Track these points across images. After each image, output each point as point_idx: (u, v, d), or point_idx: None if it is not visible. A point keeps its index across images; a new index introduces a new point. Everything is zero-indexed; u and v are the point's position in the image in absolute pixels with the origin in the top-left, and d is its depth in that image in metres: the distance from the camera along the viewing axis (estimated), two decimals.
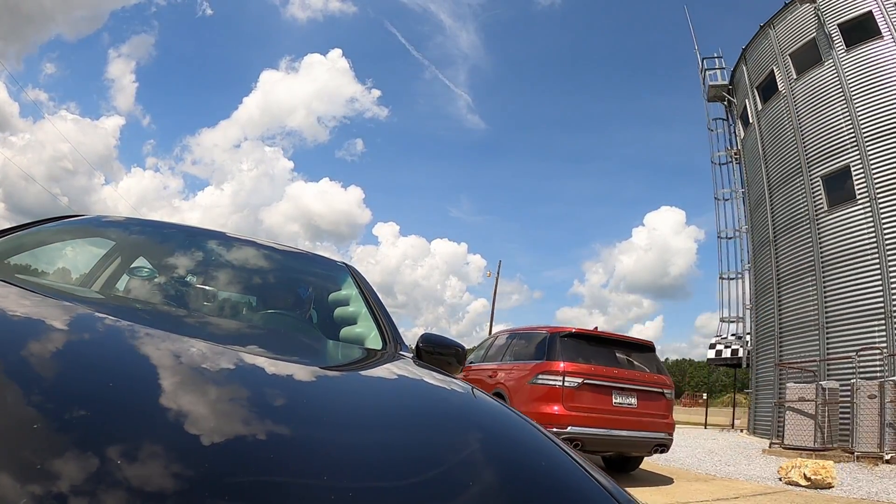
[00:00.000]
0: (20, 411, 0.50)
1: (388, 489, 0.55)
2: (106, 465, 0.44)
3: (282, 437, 0.60)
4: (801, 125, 14.39)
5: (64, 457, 0.44)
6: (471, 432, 0.79)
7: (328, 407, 0.77)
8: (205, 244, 1.98)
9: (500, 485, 0.63)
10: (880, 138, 12.40)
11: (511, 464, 0.71)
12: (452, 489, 0.59)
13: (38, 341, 0.73)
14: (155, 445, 0.50)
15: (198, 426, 0.55)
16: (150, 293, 1.67)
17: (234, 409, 0.64)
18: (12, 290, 1.05)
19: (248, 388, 0.75)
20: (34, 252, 1.72)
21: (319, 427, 0.66)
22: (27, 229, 1.73)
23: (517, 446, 0.80)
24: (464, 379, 1.19)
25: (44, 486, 0.40)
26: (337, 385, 0.94)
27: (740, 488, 5.83)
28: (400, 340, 1.58)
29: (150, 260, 1.93)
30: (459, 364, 1.62)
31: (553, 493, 0.66)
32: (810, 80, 14.29)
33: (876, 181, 12.16)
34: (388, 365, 1.25)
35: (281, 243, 2.29)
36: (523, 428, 0.87)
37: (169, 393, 0.63)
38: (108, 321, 1.01)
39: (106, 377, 0.65)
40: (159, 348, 0.83)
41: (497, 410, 0.95)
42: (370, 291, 1.90)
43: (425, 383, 1.10)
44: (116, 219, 2.13)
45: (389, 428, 0.72)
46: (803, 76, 14.54)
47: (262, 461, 0.53)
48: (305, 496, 0.50)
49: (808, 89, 14.35)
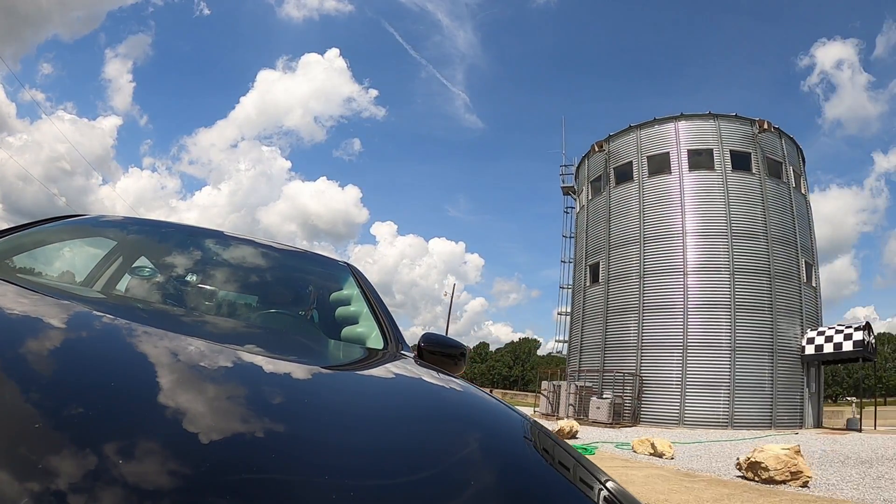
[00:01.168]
0: (21, 410, 0.50)
1: (389, 488, 0.55)
2: (106, 464, 0.44)
3: (282, 436, 0.60)
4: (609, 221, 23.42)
5: (64, 455, 0.44)
6: (472, 432, 0.78)
7: (329, 406, 0.76)
8: (206, 244, 1.97)
9: (501, 484, 0.63)
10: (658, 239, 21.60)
11: (512, 464, 0.71)
12: (453, 489, 0.58)
13: (40, 340, 0.72)
14: (155, 444, 0.50)
15: (198, 425, 0.55)
16: (151, 293, 1.67)
17: (234, 409, 0.64)
18: (14, 290, 1.05)
19: (248, 387, 0.75)
20: (35, 252, 1.72)
21: (320, 427, 0.66)
22: (28, 229, 1.73)
23: (518, 446, 0.81)
24: (465, 379, 1.19)
25: (44, 485, 0.40)
26: (338, 385, 0.93)
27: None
28: (401, 340, 1.57)
29: (150, 259, 1.94)
30: (461, 364, 1.61)
31: (554, 492, 0.65)
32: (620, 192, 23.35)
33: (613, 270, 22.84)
34: (389, 365, 1.23)
35: (282, 243, 2.27)
36: (524, 428, 0.86)
37: (170, 392, 0.63)
38: (108, 320, 1.00)
39: (108, 376, 0.65)
40: (161, 347, 0.83)
41: (498, 410, 0.94)
42: (371, 291, 1.89)
43: (426, 383, 1.08)
44: (117, 219, 2.13)
45: (390, 428, 0.71)
46: (620, 187, 23.38)
47: (262, 460, 0.53)
48: (305, 495, 0.49)
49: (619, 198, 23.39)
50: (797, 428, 18.80)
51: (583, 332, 23.98)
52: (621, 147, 23.86)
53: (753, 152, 21.88)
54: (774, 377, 19.60)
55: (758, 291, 20.35)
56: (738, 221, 21.02)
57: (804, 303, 21.20)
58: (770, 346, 19.85)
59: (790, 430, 18.03)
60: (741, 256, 20.63)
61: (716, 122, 22.33)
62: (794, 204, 22.17)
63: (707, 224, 21.17)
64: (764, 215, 21.19)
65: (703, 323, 20.06)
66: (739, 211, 21.15)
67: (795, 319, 20.73)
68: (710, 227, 21.11)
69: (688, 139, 22.28)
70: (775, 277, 20.71)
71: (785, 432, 16.85)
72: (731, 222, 21.00)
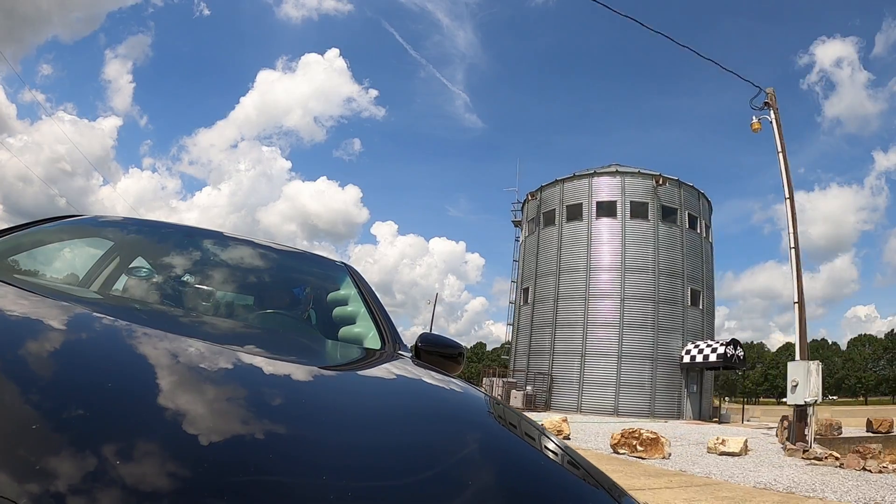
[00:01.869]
0: (18, 411, 0.50)
1: (386, 488, 0.55)
2: (104, 465, 0.45)
3: (279, 436, 0.60)
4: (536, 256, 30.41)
5: (62, 456, 0.45)
6: (469, 432, 0.79)
7: (326, 406, 0.76)
8: (203, 244, 1.97)
9: (499, 484, 0.63)
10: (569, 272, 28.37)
11: (510, 463, 0.71)
12: (451, 489, 0.58)
13: (36, 341, 0.72)
14: (152, 445, 0.50)
15: (195, 425, 0.55)
16: (148, 293, 1.66)
17: (231, 409, 0.64)
18: (10, 291, 1.04)
19: (245, 387, 0.75)
20: (32, 252, 1.70)
21: (317, 427, 0.66)
22: (25, 229, 1.72)
23: (515, 445, 0.82)
24: (463, 379, 1.19)
25: (42, 486, 0.40)
26: (335, 385, 0.93)
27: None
28: (399, 340, 1.57)
29: (148, 260, 1.93)
30: (459, 364, 1.62)
31: (552, 492, 0.65)
32: (546, 232, 30.08)
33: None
34: (386, 365, 1.23)
35: (279, 243, 2.27)
36: (521, 427, 0.87)
37: (166, 392, 0.63)
38: (106, 321, 1.00)
39: (103, 377, 0.65)
40: (157, 348, 0.82)
41: (496, 410, 0.95)
42: (369, 291, 1.89)
43: (424, 383, 1.08)
44: (114, 219, 2.12)
45: (387, 428, 0.71)
46: (546, 229, 30.21)
47: (259, 460, 0.53)
48: (303, 496, 0.49)
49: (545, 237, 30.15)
50: (673, 418, 24.94)
51: (517, 340, 31.06)
52: (549, 196, 30.44)
53: (651, 202, 27.87)
54: (655, 379, 25.87)
55: (643, 313, 26.58)
56: (631, 258, 27.24)
57: (688, 322, 27.20)
58: (652, 355, 26.10)
59: (666, 419, 24.22)
60: (631, 286, 26.88)
61: (621, 178, 28.48)
62: (684, 242, 28.01)
63: (605, 261, 27.58)
64: (655, 253, 27.26)
65: (597, 337, 26.66)
66: (633, 250, 27.36)
67: (678, 335, 26.78)
68: (608, 263, 27.49)
69: (597, 192, 28.62)
70: (660, 302, 26.80)
71: (660, 421, 22.99)
72: (624, 259, 27.27)
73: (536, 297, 29.53)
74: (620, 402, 25.42)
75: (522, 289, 31.33)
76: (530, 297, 30.10)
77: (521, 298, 31.25)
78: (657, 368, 26.06)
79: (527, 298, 30.50)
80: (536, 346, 28.85)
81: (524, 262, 31.84)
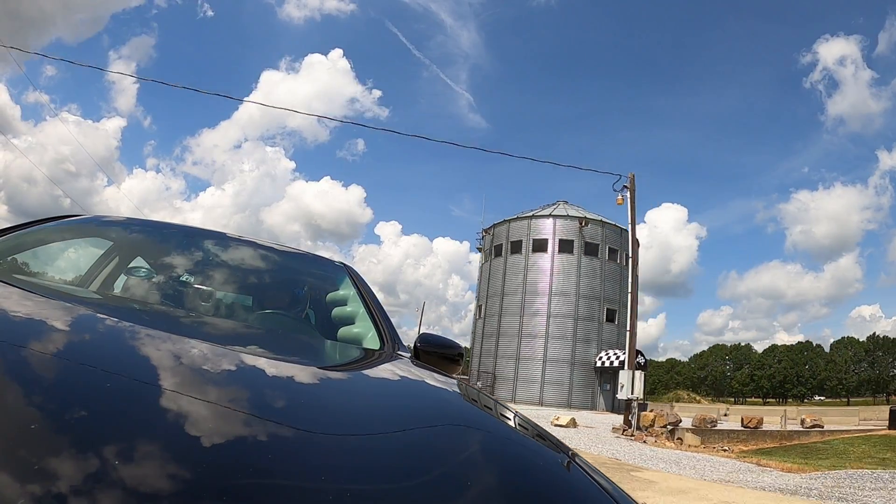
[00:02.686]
0: (17, 411, 0.50)
1: (385, 489, 0.55)
2: (104, 466, 0.44)
3: (279, 437, 0.60)
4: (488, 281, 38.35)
5: (62, 457, 0.44)
6: (468, 433, 0.79)
7: (325, 407, 0.76)
8: (203, 244, 1.97)
9: (499, 485, 0.63)
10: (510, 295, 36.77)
11: (509, 464, 0.71)
12: (450, 490, 0.58)
13: (36, 341, 0.72)
14: (152, 446, 0.50)
15: (195, 426, 0.55)
16: (147, 293, 1.66)
17: (231, 409, 0.64)
18: (10, 290, 1.05)
19: (244, 387, 0.75)
20: (32, 252, 1.71)
21: (316, 427, 0.66)
22: (25, 229, 1.72)
23: (515, 446, 0.81)
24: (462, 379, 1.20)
25: (42, 487, 0.40)
26: (334, 385, 0.93)
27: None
28: (398, 340, 1.57)
29: (147, 260, 1.93)
30: (458, 364, 1.62)
31: (552, 493, 0.65)
32: (496, 261, 37.94)
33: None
34: (385, 365, 1.24)
35: (279, 243, 2.28)
36: (521, 428, 0.87)
37: (165, 393, 0.63)
38: (105, 321, 1.00)
39: (103, 377, 0.65)
40: (156, 348, 0.83)
41: (494, 410, 0.95)
42: (368, 291, 1.90)
43: (423, 383, 1.08)
44: (114, 219, 2.12)
45: (386, 428, 0.71)
46: (496, 259, 38.01)
47: (259, 461, 0.53)
48: (303, 497, 0.50)
49: (495, 266, 37.91)
50: (587, 409, 32.80)
51: (473, 346, 39.45)
52: (499, 233, 38.50)
53: (577, 240, 35.43)
54: (572, 379, 33.74)
55: (564, 328, 34.40)
56: (558, 284, 35.04)
57: (604, 334, 34.86)
58: (571, 360, 33.94)
59: (580, 409, 32.14)
60: (557, 306, 34.73)
61: (553, 220, 36.20)
62: (604, 271, 35.44)
63: (538, 287, 35.53)
64: (577, 281, 34.89)
65: (529, 346, 34.77)
66: (559, 278, 35.17)
67: (593, 345, 34.47)
68: (540, 288, 35.42)
69: (535, 231, 36.51)
70: (580, 319, 34.55)
71: (574, 410, 31.06)
72: (552, 285, 35.09)
73: (486, 312, 37.81)
74: (545, 396, 33.44)
75: (479, 305, 39.59)
76: (483, 312, 38.31)
77: (478, 313, 39.50)
78: (574, 370, 33.91)
79: (481, 313, 38.74)
80: (486, 351, 37.17)
81: (480, 285, 40.05)
